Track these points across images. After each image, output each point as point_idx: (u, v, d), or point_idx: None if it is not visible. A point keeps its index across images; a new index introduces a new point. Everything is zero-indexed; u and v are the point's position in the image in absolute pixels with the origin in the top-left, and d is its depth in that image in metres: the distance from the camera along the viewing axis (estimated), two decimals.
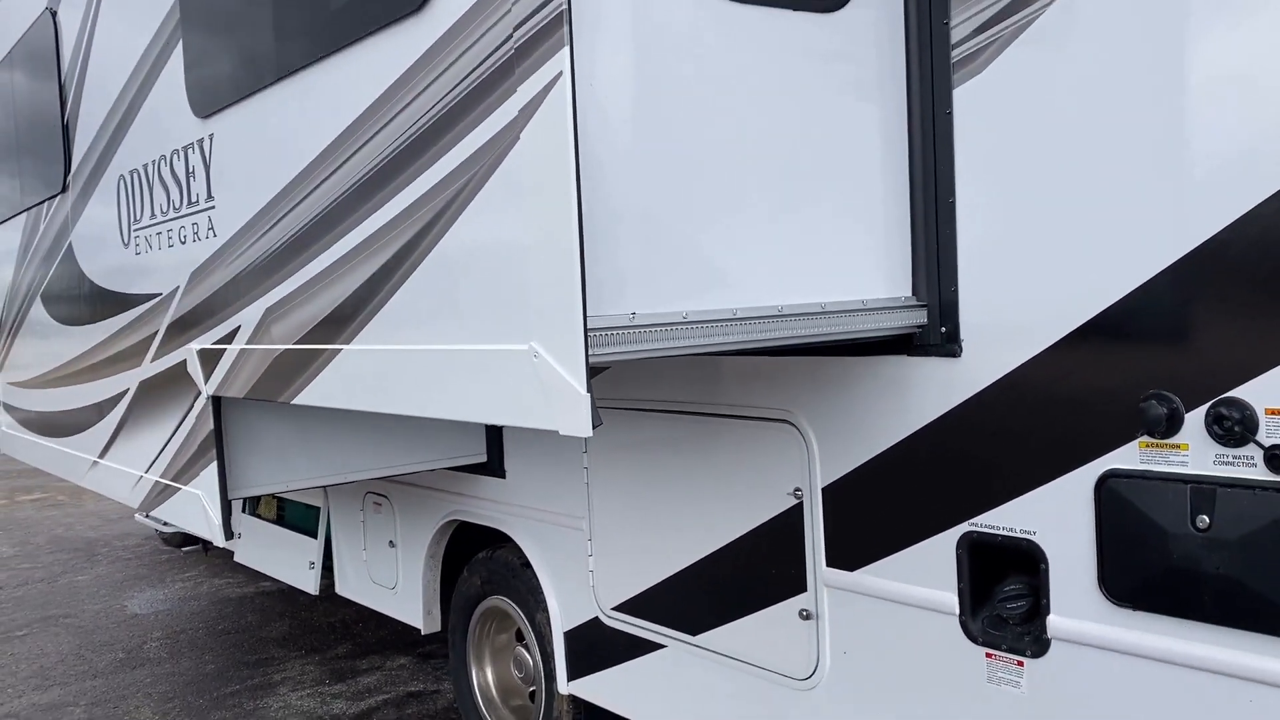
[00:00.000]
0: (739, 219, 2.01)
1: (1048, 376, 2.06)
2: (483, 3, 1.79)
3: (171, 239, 3.21)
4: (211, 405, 3.05)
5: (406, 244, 2.07)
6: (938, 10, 2.16)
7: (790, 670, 2.64)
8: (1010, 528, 2.15)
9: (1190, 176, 1.84)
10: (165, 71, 3.13)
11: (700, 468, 2.78)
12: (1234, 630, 1.85)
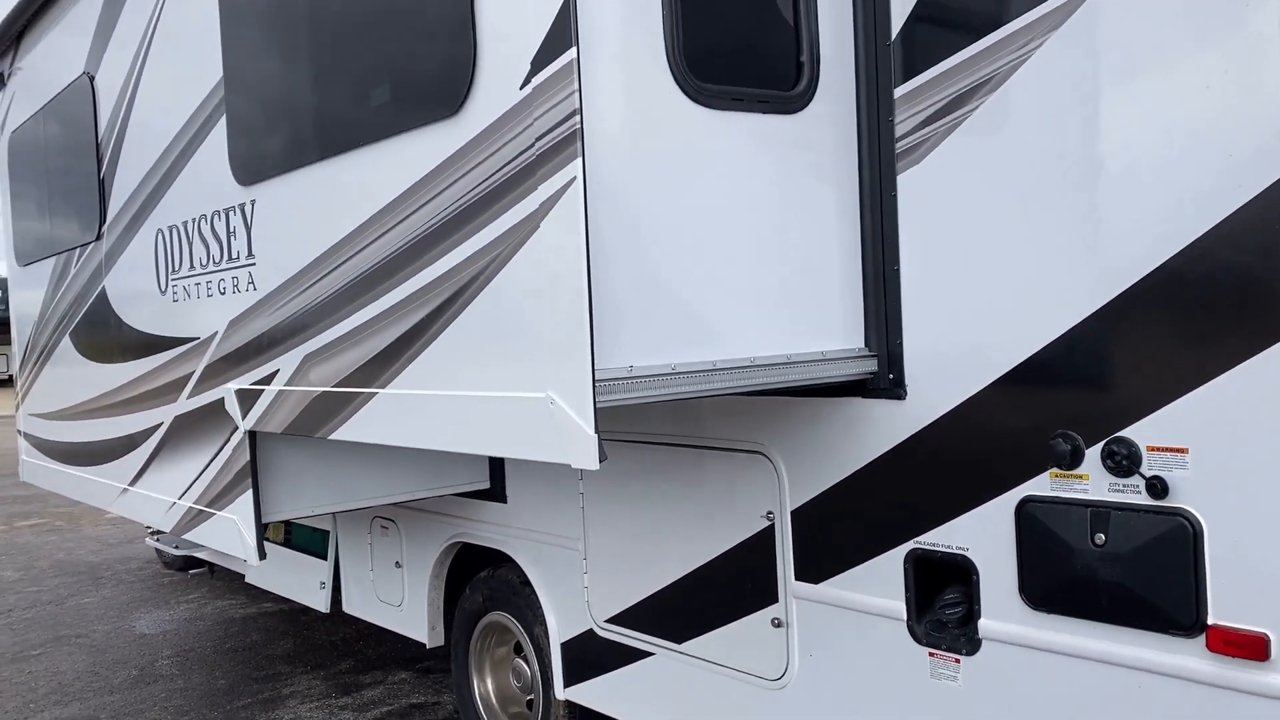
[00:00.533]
0: (718, 285, 2.40)
1: (977, 416, 2.46)
2: (509, 114, 2.19)
3: (211, 289, 3.58)
4: (248, 439, 3.42)
5: (439, 306, 2.45)
6: (884, 110, 2.58)
7: (764, 672, 3.01)
8: (948, 545, 2.54)
9: (1084, 256, 2.25)
10: (207, 142, 3.51)
11: (684, 493, 3.16)
12: (1125, 628, 2.24)
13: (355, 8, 2.72)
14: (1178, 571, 2.15)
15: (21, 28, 5.44)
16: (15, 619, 7.14)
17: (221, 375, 3.56)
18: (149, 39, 3.94)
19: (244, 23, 3.26)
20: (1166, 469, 2.16)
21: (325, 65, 2.86)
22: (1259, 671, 2.06)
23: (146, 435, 4.27)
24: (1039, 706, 2.40)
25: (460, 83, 2.30)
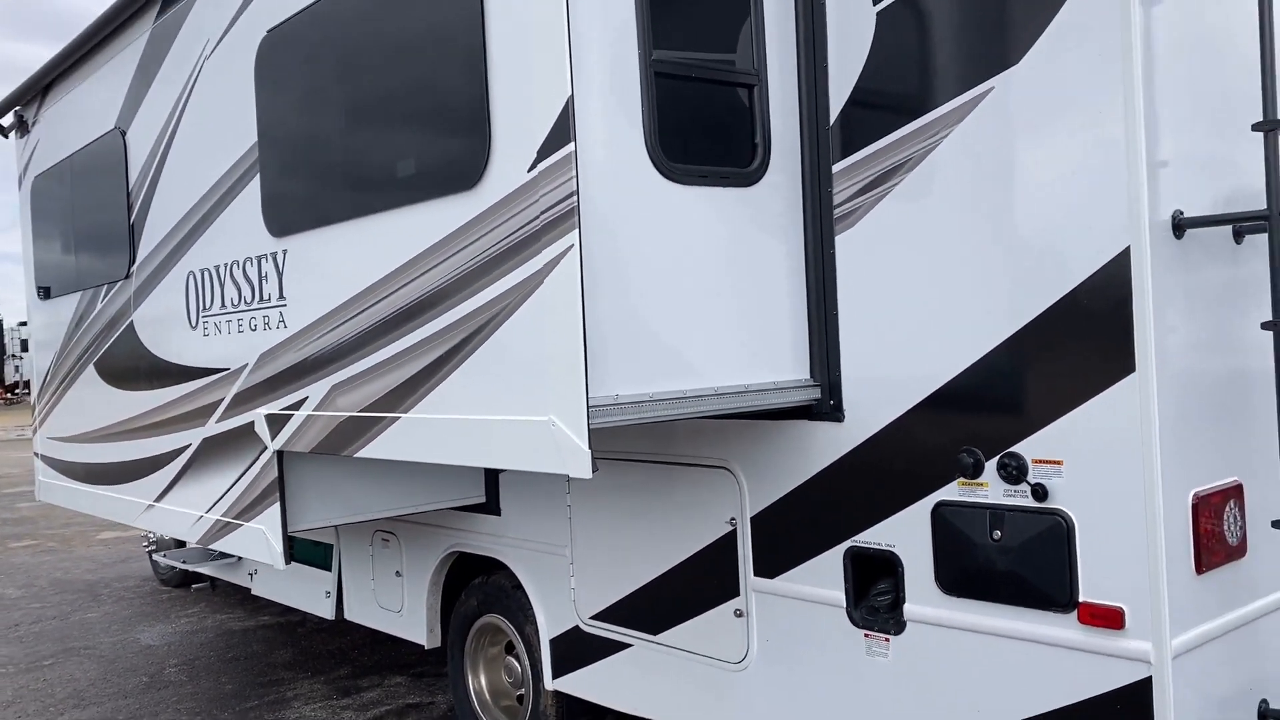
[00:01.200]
0: (688, 327, 2.92)
1: (901, 435, 2.98)
2: (519, 191, 2.70)
3: (242, 326, 4.07)
4: (276, 458, 3.90)
5: (456, 345, 2.96)
6: (824, 182, 3.11)
7: (727, 656, 3.51)
8: (878, 543, 3.06)
9: (983, 304, 2.78)
10: (241, 197, 4.00)
11: (659, 503, 3.67)
12: (1017, 607, 2.76)
13: (385, 95, 3.23)
14: (1056, 560, 2.67)
15: (49, 81, 5.91)
16: (24, 632, 7.52)
17: (251, 402, 4.04)
18: (183, 105, 4.43)
19: (278, 98, 3.76)
20: (1046, 478, 2.69)
21: (356, 139, 3.37)
22: (1117, 638, 2.59)
23: (173, 456, 4.73)
24: (953, 675, 2.91)
25: (478, 163, 2.82)
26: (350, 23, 3.34)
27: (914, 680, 3.01)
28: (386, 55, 3.21)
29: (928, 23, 2.90)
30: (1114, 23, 2.54)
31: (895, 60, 2.97)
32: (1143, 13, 2.55)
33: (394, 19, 3.15)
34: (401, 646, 6.59)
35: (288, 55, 3.68)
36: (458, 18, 2.86)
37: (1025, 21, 2.70)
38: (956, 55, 2.85)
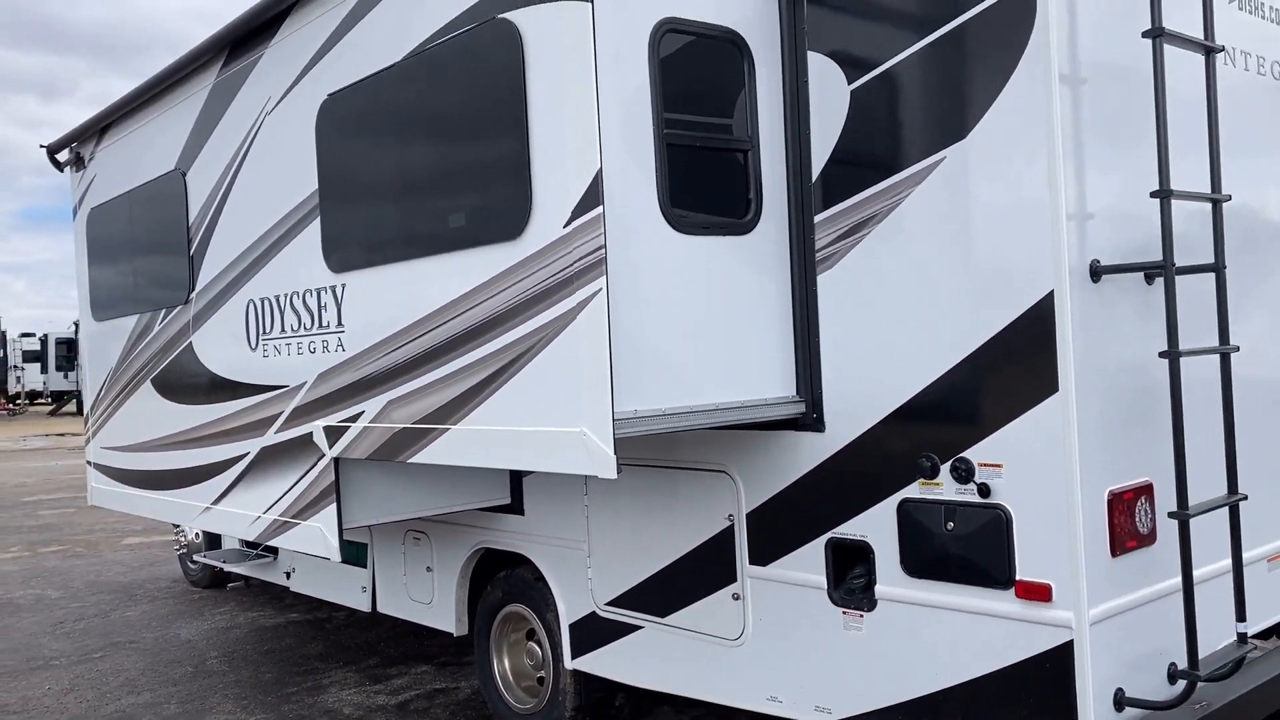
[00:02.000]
0: (694, 352, 3.51)
1: (872, 442, 3.57)
2: (556, 243, 3.28)
3: (301, 349, 4.64)
4: (333, 465, 4.47)
5: (500, 368, 3.54)
6: (808, 231, 3.70)
7: (726, 634, 4.08)
8: (854, 534, 3.64)
9: (938, 332, 3.37)
10: (302, 236, 4.58)
11: (666, 502, 4.24)
12: (966, 585, 3.34)
13: (438, 157, 3.82)
14: (997, 546, 3.25)
15: (108, 124, 6.49)
16: (69, 629, 8.07)
17: (309, 415, 4.61)
18: (244, 153, 5.01)
19: (338, 152, 4.35)
20: (989, 478, 3.27)
21: (412, 192, 3.95)
22: (1046, 609, 3.16)
23: (231, 463, 5.30)
24: (916, 644, 3.49)
25: (521, 218, 3.40)
26: (407, 94, 3.93)
27: (884, 649, 3.59)
28: (440, 123, 3.79)
29: (893, 101, 3.49)
30: (1041, 106, 3.13)
31: (866, 130, 3.56)
32: (1066, 96, 3.14)
33: (447, 94, 3.74)
34: (425, 639, 7.15)
35: (348, 116, 4.27)
36: (504, 99, 3.45)
37: (972, 102, 3.29)
38: (917, 128, 3.44)
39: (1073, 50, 3.20)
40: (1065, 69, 3.17)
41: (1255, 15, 3.97)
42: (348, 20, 4.24)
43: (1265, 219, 4.02)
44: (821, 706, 3.78)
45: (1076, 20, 3.21)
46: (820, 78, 3.67)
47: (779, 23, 3.74)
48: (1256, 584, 3.85)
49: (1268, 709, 3.54)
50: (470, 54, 3.60)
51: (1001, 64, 3.22)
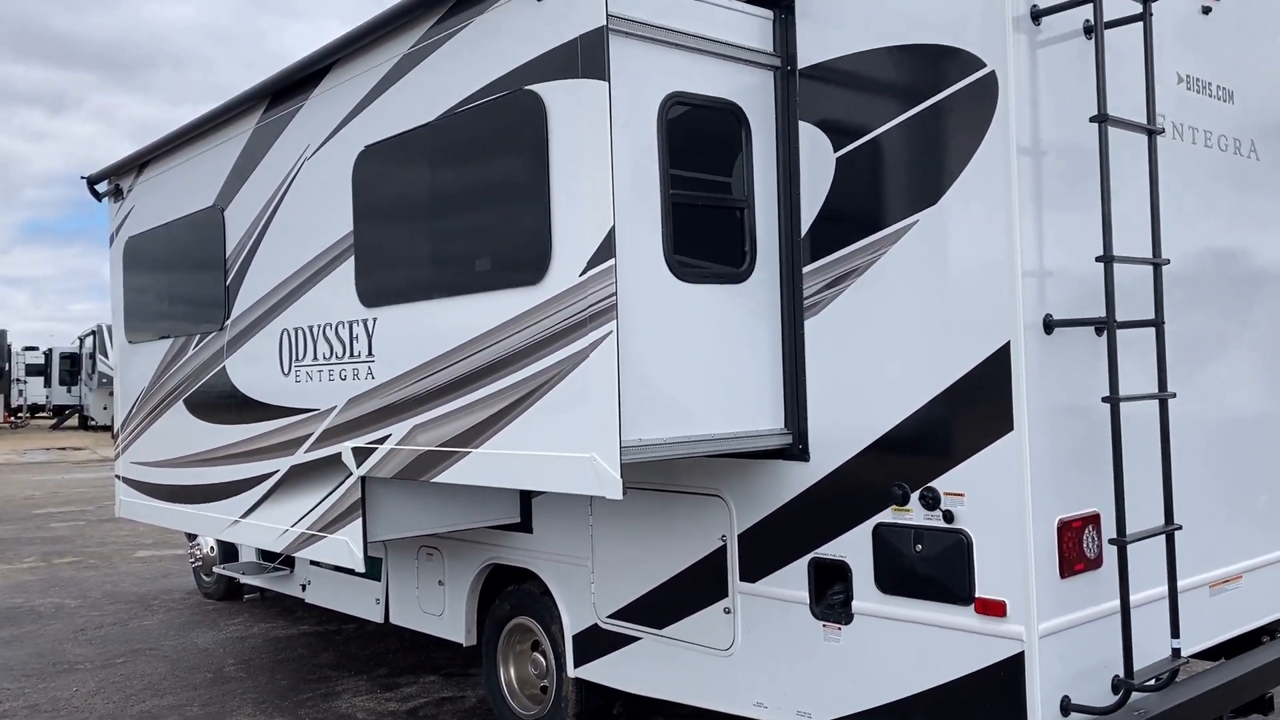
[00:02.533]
0: (693, 388, 3.92)
1: (851, 472, 3.97)
2: (572, 289, 3.70)
3: (333, 376, 5.06)
4: (360, 483, 4.87)
5: (519, 398, 3.95)
6: (797, 281, 4.12)
7: (718, 645, 4.47)
8: (834, 554, 4.04)
9: (908, 376, 3.78)
10: (336, 272, 5.00)
11: (664, 523, 4.64)
12: (933, 601, 3.74)
13: (467, 208, 4.25)
14: (959, 566, 3.66)
15: (147, 160, 6.94)
16: (90, 636, 8.43)
17: (339, 437, 5.02)
18: (282, 193, 5.45)
19: (373, 198, 4.78)
20: (953, 505, 3.68)
21: (441, 238, 4.38)
22: (1001, 623, 3.56)
23: (261, 480, 5.70)
24: (888, 654, 3.88)
25: (542, 266, 3.82)
26: (440, 149, 4.36)
27: (860, 659, 3.98)
28: (470, 178, 4.23)
29: (875, 168, 3.92)
30: (1002, 177, 3.56)
31: (850, 193, 3.99)
32: (1025, 168, 3.57)
33: (477, 152, 4.17)
34: (431, 651, 7.52)
35: (384, 166, 4.70)
36: (529, 160, 3.88)
37: (944, 172, 3.72)
38: (895, 193, 3.87)
39: (1033, 128, 3.63)
40: (1025, 144, 3.60)
41: (1203, 94, 4.41)
42: (385, 80, 4.68)
43: (1211, 276, 4.45)
44: (803, 711, 4.17)
45: (1036, 103, 3.64)
46: (810, 145, 4.11)
47: (773, 95, 4.18)
48: (1199, 608, 4.26)
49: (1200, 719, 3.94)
50: (499, 118, 4.04)
51: (969, 139, 3.65)
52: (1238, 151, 4.61)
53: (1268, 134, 4.76)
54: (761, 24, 4.16)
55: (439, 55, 4.36)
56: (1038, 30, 3.65)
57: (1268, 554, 4.69)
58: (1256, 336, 4.69)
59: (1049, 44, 3.70)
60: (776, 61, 4.18)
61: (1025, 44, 3.62)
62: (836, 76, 4.04)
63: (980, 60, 3.60)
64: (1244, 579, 4.53)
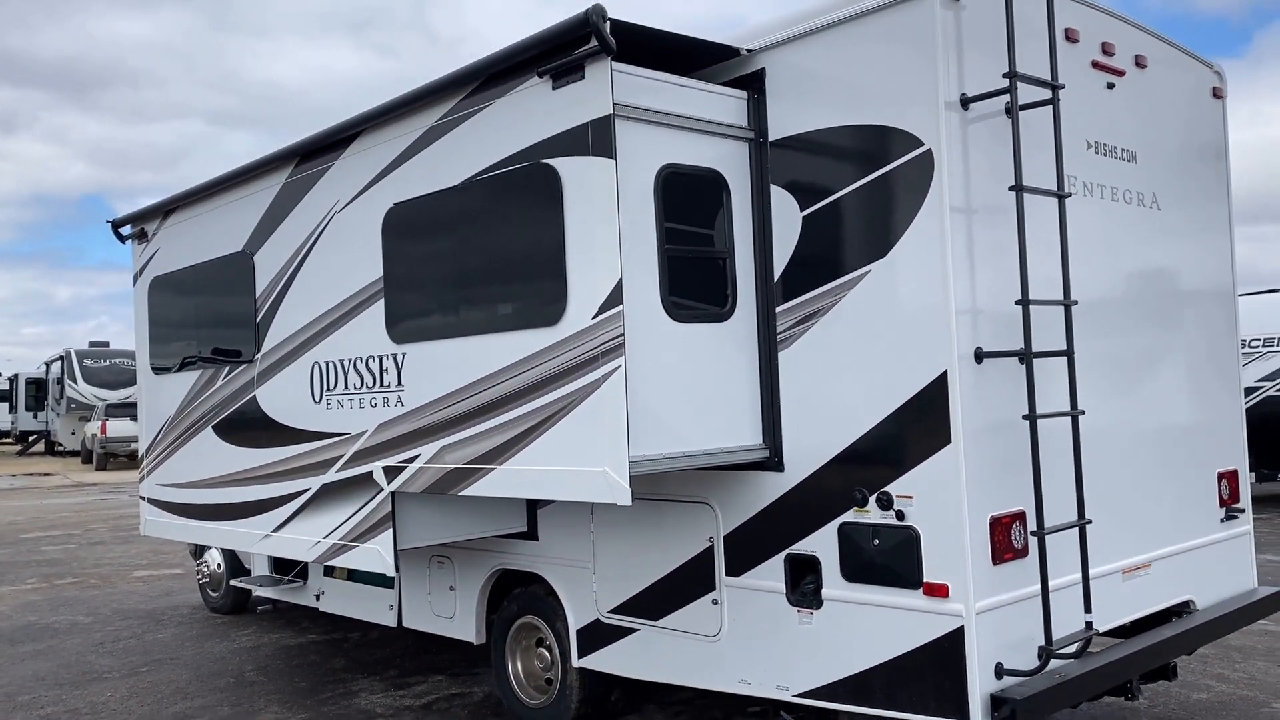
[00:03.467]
0: (686, 412, 4.65)
1: (819, 480, 4.72)
2: (585, 330, 4.43)
3: (363, 404, 5.74)
4: (390, 498, 5.56)
5: (539, 422, 4.66)
6: (771, 320, 4.88)
7: (706, 632, 5.19)
8: (806, 550, 4.78)
9: (864, 399, 4.54)
10: (366, 312, 5.69)
11: (658, 527, 5.36)
12: (888, 587, 4.49)
13: (490, 259, 4.96)
14: (909, 557, 4.41)
15: (173, 207, 7.59)
16: (110, 648, 8.99)
17: (370, 458, 5.70)
18: (312, 242, 6.13)
19: (401, 248, 5.48)
20: (904, 506, 4.43)
21: (467, 284, 5.09)
22: (944, 603, 4.32)
23: (292, 497, 6.36)
24: (852, 633, 4.62)
25: (559, 310, 4.55)
26: (466, 209, 5.08)
27: (829, 638, 4.72)
28: (493, 234, 4.95)
29: (835, 225, 4.69)
30: (938, 236, 4.33)
31: (814, 246, 4.76)
32: (958, 227, 4.35)
33: (500, 213, 4.90)
34: (436, 654, 8.18)
35: (412, 221, 5.42)
36: (547, 222, 4.61)
37: (892, 229, 4.49)
38: (851, 247, 4.64)
39: (964, 193, 4.42)
40: (957, 206, 4.38)
41: (1109, 157, 5.23)
42: (413, 147, 5.39)
43: (1123, 308, 5.26)
44: (781, 685, 4.91)
45: (967, 172, 4.43)
46: (780, 205, 4.87)
47: (749, 163, 4.95)
48: (1113, 590, 5.04)
49: (1111, 681, 4.72)
50: (519, 186, 4.77)
51: (911, 203, 4.43)
52: (1141, 203, 5.43)
53: (1166, 188, 5.60)
54: (738, 103, 4.92)
55: (464, 128, 5.08)
56: (967, 113, 4.44)
57: (1173, 545, 5.50)
58: (1161, 360, 5.51)
59: (976, 122, 4.49)
60: (751, 134, 4.94)
61: (957, 124, 4.41)
62: (801, 148, 4.82)
63: (919, 140, 4.39)
64: (1153, 567, 5.32)
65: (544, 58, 4.58)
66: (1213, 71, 6.16)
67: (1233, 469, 6.04)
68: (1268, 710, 6.35)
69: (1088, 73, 5.15)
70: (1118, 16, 5.43)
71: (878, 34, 4.54)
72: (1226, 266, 6.12)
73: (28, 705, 7.37)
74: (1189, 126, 5.89)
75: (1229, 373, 6.08)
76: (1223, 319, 6.03)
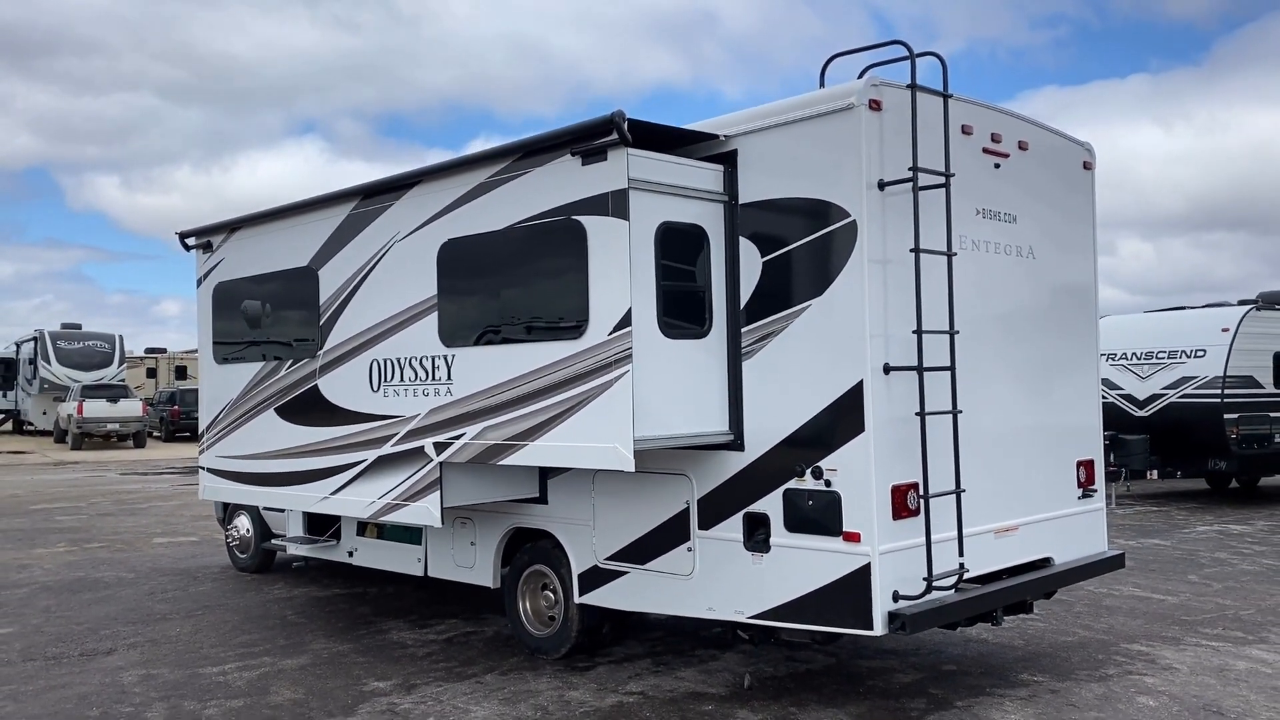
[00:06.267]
0: (672, 405, 6.30)
1: (770, 457, 6.39)
2: (603, 343, 6.06)
3: (416, 393, 7.33)
4: (439, 467, 7.15)
5: (563, 410, 6.29)
6: (738, 338, 6.54)
7: (682, 572, 6.85)
8: (759, 509, 6.45)
9: (803, 396, 6.22)
10: (422, 321, 7.28)
11: (646, 494, 7.00)
12: (820, 535, 6.17)
13: (528, 285, 6.57)
14: (834, 513, 6.09)
15: (237, 225, 9.12)
16: (163, 597, 10.48)
17: (422, 436, 7.29)
18: (374, 263, 7.70)
19: (453, 274, 7.08)
20: (831, 477, 6.11)
21: (506, 303, 6.69)
22: (857, 546, 6.00)
23: (348, 467, 7.92)
24: (792, 570, 6.29)
25: (581, 328, 6.18)
26: (508, 248, 6.69)
27: (773, 575, 6.39)
28: (530, 269, 6.56)
29: (786, 270, 6.35)
30: (860, 280, 6.01)
31: (771, 284, 6.42)
32: (875, 275, 6.02)
33: (537, 253, 6.51)
34: (448, 604, 9.77)
35: (463, 254, 7.01)
36: (574, 263, 6.23)
37: (827, 275, 6.15)
38: (798, 286, 6.30)
39: (881, 250, 6.09)
40: (875, 259, 6.06)
41: (994, 220, 6.95)
42: (464, 197, 6.98)
43: (1001, 334, 6.98)
44: (738, 610, 6.57)
45: (884, 235, 6.10)
46: (746, 252, 6.53)
47: (723, 220, 6.60)
48: (988, 546, 6.77)
49: (977, 609, 6.45)
50: (553, 234, 6.39)
51: (842, 255, 6.10)
52: (1019, 254, 7.16)
53: (1040, 242, 7.33)
54: (716, 175, 6.58)
55: (509, 186, 6.70)
56: (883, 193, 6.12)
57: (1038, 515, 7.23)
58: (1033, 373, 7.24)
59: (890, 198, 6.17)
60: (726, 198, 6.60)
61: (876, 200, 6.08)
62: (763, 210, 6.48)
63: (848, 211, 6.06)
64: (1020, 530, 7.06)
65: (576, 141, 6.21)
66: (1083, 148, 7.91)
67: (1089, 459, 7.79)
68: (1115, 649, 8.14)
69: (979, 156, 6.87)
70: (1005, 112, 7.16)
71: (821, 132, 6.21)
72: (1090, 300, 7.87)
73: (112, 637, 8.87)
74: (1062, 193, 7.63)
75: (1089, 383, 7.84)
76: (1085, 341, 7.78)
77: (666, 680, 7.34)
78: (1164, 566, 11.75)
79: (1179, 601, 9.88)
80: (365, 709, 6.81)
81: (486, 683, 7.36)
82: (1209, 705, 6.72)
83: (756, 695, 6.97)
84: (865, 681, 7.28)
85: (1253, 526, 15.05)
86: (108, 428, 35.68)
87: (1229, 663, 7.71)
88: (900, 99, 6.17)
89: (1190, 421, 17.53)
